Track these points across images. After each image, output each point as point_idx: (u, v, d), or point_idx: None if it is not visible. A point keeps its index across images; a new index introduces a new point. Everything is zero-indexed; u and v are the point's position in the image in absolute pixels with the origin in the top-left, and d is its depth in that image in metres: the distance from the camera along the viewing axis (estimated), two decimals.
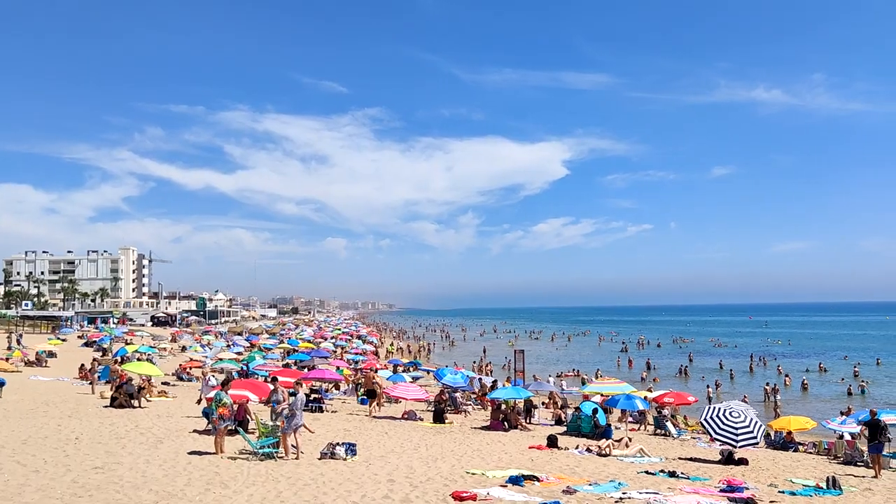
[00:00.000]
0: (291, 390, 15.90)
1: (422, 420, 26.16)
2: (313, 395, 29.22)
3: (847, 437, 23.43)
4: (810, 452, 24.65)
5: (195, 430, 18.59)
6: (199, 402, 24.13)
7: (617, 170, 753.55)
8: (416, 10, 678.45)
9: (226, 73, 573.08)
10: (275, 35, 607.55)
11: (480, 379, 37.39)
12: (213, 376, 23.55)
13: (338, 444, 15.71)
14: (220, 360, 48.39)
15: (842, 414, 28.35)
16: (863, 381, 51.64)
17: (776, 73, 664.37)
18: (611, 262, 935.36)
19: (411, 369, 49.00)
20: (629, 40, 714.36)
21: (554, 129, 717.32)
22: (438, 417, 25.95)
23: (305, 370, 38.05)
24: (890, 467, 20.25)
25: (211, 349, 63.26)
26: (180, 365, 45.15)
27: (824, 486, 15.40)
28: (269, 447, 14.81)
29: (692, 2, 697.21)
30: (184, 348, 67.37)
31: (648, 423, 29.24)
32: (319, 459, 14.95)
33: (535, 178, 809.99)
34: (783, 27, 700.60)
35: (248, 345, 72.16)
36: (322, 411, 27.24)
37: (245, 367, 41.06)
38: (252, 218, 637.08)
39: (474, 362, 65.30)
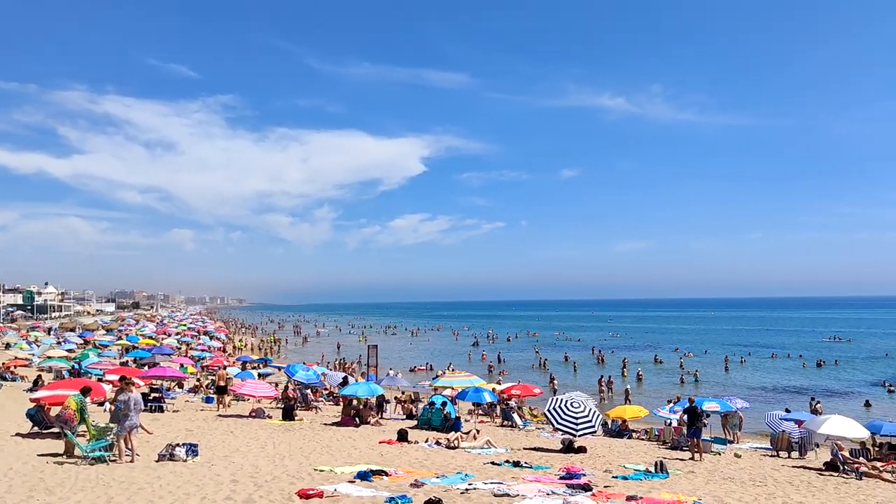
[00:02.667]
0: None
1: (270, 418, 25.51)
2: (153, 395, 27.77)
3: (674, 423, 25.27)
4: (642, 439, 26.37)
5: (18, 434, 17.11)
6: None
7: (472, 168, 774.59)
8: None
9: (61, 49, 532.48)
10: (117, 12, 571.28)
11: (324, 374, 37.09)
12: None
13: (178, 444, 14.97)
14: (49, 357, 44.89)
15: (669, 402, 30.51)
16: (695, 371, 56.09)
17: (620, 82, 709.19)
18: (465, 259, 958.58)
19: (261, 366, 47.75)
20: (489, 42, 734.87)
21: (413, 126, 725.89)
22: (288, 415, 25.41)
23: (146, 368, 36.08)
24: (711, 451, 22.04)
25: (38, 346, 58.57)
26: (3, 363, 41.45)
27: (653, 470, 16.53)
28: (100, 450, 13.86)
29: (548, 9, 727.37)
30: (8, 346, 62.06)
31: (497, 416, 30.13)
32: (157, 462, 14.18)
33: (392, 174, 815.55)
34: (628, 39, 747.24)
35: (82, 341, 67.55)
36: (163, 411, 25.91)
37: (77, 366, 38.31)
38: (89, 206, 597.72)
39: (335, 359, 64.67)
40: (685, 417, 21.10)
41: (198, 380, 38.83)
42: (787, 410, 28.77)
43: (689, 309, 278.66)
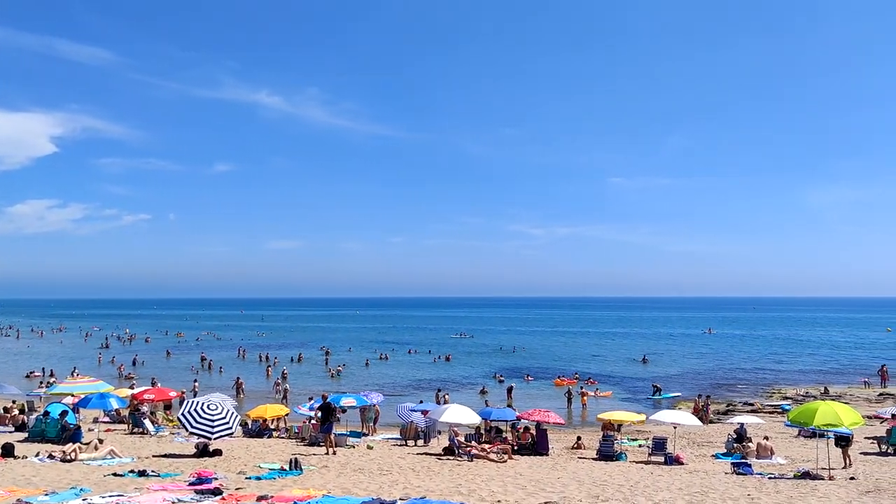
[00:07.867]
0: None
1: None
2: None
3: (313, 420, 25.95)
4: (283, 437, 26.61)
5: None
6: None
7: (113, 153, 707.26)
8: None
9: None
10: None
11: None
12: None
13: None
14: None
15: (310, 399, 31.27)
16: (339, 367, 58.42)
17: (278, 80, 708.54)
18: (103, 252, 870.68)
19: None
20: (136, 20, 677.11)
21: (41, 101, 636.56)
22: None
23: None
24: (346, 444, 23.10)
25: None
26: None
27: (287, 468, 16.78)
28: None
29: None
30: None
31: (128, 422, 28.03)
32: None
33: (13, 152, 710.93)
34: (287, 37, 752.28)
35: None
36: None
37: None
38: None
39: None
40: (319, 414, 21.82)
41: None
42: (421, 402, 31.49)
43: (337, 308, 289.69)
